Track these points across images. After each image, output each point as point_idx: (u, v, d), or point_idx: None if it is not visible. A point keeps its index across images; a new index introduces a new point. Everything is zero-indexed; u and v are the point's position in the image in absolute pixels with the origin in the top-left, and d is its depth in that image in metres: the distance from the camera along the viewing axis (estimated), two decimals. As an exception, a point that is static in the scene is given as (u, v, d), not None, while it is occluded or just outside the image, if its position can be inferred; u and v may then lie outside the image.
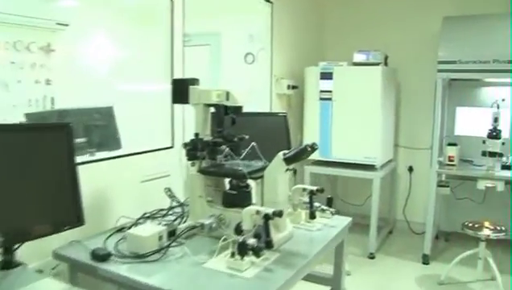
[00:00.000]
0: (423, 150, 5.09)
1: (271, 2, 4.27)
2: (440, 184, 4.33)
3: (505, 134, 4.19)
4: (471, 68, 4.10)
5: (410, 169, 5.31)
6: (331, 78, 4.49)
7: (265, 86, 4.35)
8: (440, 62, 4.19)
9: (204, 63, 5.46)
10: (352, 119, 4.47)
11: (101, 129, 2.92)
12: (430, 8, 4.94)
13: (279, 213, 1.96)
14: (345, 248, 2.66)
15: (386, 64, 4.61)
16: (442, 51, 4.20)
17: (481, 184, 4.10)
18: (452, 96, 4.79)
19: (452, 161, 4.40)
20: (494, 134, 4.08)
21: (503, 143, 4.11)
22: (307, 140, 4.59)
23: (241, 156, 2.37)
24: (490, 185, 4.08)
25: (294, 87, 4.55)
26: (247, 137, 2.37)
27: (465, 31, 4.23)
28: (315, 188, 2.48)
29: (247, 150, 2.38)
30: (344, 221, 2.63)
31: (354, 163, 4.51)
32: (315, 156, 4.60)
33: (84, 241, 2.16)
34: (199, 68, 5.41)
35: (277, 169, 2.14)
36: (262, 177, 2.19)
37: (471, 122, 4.71)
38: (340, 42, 5.38)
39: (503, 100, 4.35)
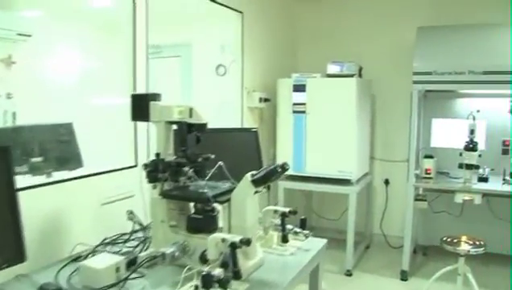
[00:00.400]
0: (400, 162, 4.99)
1: (241, 12, 4.12)
2: (418, 198, 4.22)
3: (481, 146, 4.11)
4: (446, 79, 4.03)
5: (387, 182, 5.20)
6: (304, 90, 4.35)
7: (236, 99, 4.20)
8: (415, 73, 4.10)
9: (176, 75, 5.30)
10: (326, 132, 4.35)
11: (59, 147, 2.71)
12: (404, 18, 4.87)
13: (247, 242, 1.79)
14: (321, 271, 2.50)
15: (360, 75, 4.51)
16: (417, 62, 4.11)
17: (459, 198, 4.01)
18: (428, 107, 4.70)
19: (428, 174, 4.31)
20: (471, 146, 4.00)
21: (480, 155, 4.03)
22: (281, 155, 4.47)
23: (207, 177, 2.21)
24: (468, 198, 3.99)
25: (266, 100, 4.40)
26: (213, 156, 2.21)
27: (440, 42, 4.16)
28: (287, 209, 2.32)
29: (213, 170, 2.22)
30: (319, 243, 2.47)
31: (329, 178, 4.38)
32: (288, 171, 4.43)
33: (33, 274, 1.96)
34: (170, 81, 5.28)
35: (245, 192, 1.97)
36: (228, 200, 2.02)
37: (447, 134, 4.64)
38: (314, 53, 5.26)
39: (478, 111, 4.27)
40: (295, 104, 4.40)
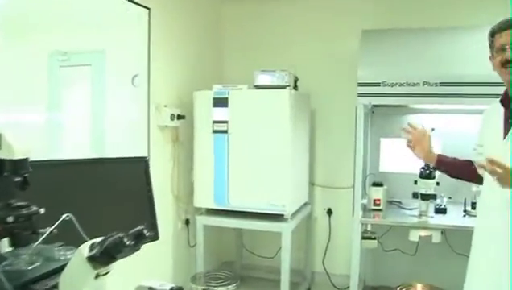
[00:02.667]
0: (344, 189, 4.27)
1: (148, 8, 3.33)
2: (365, 236, 3.51)
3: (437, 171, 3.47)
4: (397, 91, 3.38)
5: (330, 212, 4.47)
6: (226, 105, 3.57)
7: (141, 116, 3.38)
8: (360, 84, 3.42)
9: (87, 87, 4.45)
10: (253, 157, 3.57)
11: None
12: (348, 21, 4.19)
13: None
14: None
15: (295, 87, 3.78)
16: (362, 72, 3.43)
17: (414, 235, 3.34)
18: (376, 125, 4.04)
19: (377, 205, 3.63)
20: (427, 172, 3.35)
21: (437, 183, 3.39)
22: (199, 185, 3.69)
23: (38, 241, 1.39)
24: (425, 235, 3.34)
25: (180, 117, 3.58)
26: (42, 211, 1.38)
27: (390, 48, 3.53)
28: (168, 287, 1.52)
29: (52, 228, 1.41)
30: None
31: (259, 213, 3.61)
32: (208, 204, 3.66)
33: None
34: (81, 94, 4.43)
35: (78, 276, 1.16)
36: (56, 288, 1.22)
37: (398, 156, 3.96)
38: (244, 62, 4.46)
39: (433, 129, 3.62)
40: (215, 122, 3.60)
